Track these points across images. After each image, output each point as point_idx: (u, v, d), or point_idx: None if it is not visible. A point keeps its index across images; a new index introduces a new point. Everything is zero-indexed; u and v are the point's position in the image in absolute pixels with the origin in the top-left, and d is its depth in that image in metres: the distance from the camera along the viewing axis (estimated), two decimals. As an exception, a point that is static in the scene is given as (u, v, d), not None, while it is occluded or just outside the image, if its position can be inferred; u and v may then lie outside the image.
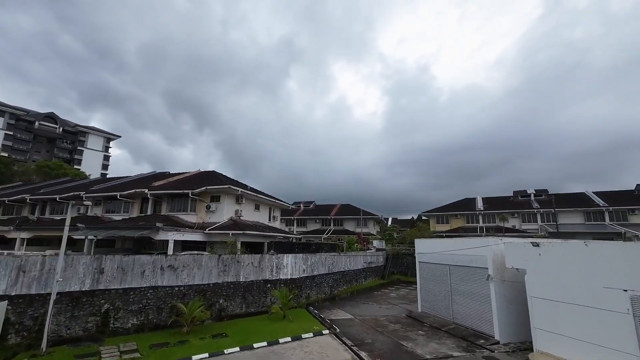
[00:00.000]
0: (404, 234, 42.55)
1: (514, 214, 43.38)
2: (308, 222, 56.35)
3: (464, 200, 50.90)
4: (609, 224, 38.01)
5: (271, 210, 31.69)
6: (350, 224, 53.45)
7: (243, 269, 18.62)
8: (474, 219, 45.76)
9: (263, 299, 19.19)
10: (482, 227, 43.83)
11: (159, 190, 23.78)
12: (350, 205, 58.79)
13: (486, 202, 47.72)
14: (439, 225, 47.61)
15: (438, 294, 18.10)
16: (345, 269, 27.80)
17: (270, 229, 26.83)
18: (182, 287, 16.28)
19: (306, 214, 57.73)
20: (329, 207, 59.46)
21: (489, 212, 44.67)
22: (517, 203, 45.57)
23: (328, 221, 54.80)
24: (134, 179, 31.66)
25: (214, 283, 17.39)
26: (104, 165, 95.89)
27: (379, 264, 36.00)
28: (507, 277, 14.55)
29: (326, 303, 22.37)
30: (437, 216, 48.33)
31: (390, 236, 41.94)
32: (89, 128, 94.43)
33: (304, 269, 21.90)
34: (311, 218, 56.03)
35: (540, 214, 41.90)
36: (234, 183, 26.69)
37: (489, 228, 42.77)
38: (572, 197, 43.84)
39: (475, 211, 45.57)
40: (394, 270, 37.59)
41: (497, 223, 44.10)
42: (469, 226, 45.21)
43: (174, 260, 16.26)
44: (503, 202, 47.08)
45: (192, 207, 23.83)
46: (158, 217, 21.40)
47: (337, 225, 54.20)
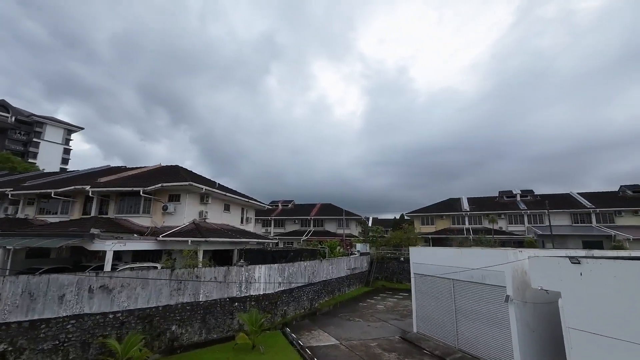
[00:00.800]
0: (388, 236, 40.03)
1: (500, 215, 41.88)
2: (286, 222, 52.87)
3: (449, 201, 49.15)
4: (596, 226, 37.10)
5: (244, 211, 28.05)
6: (332, 224, 50.47)
7: (204, 286, 15.06)
8: (460, 220, 43.96)
9: (229, 322, 15.71)
10: (469, 228, 42.06)
11: (105, 188, 19.63)
12: (331, 205, 55.81)
13: (471, 202, 46.12)
14: (424, 226, 45.52)
15: (438, 313, 15.32)
16: (327, 278, 24.70)
17: (241, 233, 23.25)
18: (119, 313, 12.54)
19: (284, 214, 54.21)
20: (309, 206, 56.22)
21: (475, 213, 42.97)
22: (503, 204, 44.20)
23: (308, 222, 51.55)
24: (79, 174, 27.03)
25: (165, 305, 13.75)
26: (63, 160, 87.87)
27: (363, 270, 33.19)
28: (529, 298, 11.89)
29: (306, 321, 19.14)
30: (422, 217, 46.23)
31: (375, 238, 39.29)
32: (47, 118, 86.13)
33: (280, 282, 18.57)
34: (290, 218, 52.58)
35: (528, 215, 40.60)
36: (199, 179, 22.88)
37: (476, 230, 41.02)
38: (558, 198, 42.91)
39: (461, 212, 43.76)
40: (378, 275, 34.92)
41: (484, 224, 42.50)
42: (455, 227, 43.35)
43: (109, 279, 12.48)
44: (488, 202, 45.62)
45: (145, 208, 19.86)
46: (98, 221, 17.33)
47: (317, 226, 51.06)
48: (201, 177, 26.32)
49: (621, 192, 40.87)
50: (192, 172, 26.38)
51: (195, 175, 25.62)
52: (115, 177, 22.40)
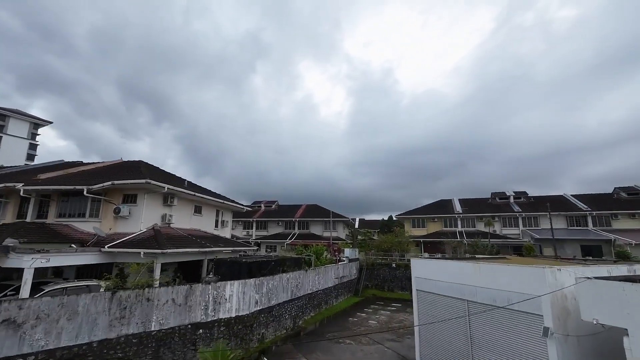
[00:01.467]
0: (379, 239, 37.50)
1: (494, 218, 40.08)
2: (269, 224, 49.63)
3: (440, 202, 47.15)
4: (593, 229, 35.71)
5: (219, 214, 24.81)
6: (318, 227, 47.60)
7: (157, 311, 11.88)
8: (452, 222, 41.93)
9: (191, 355, 12.57)
10: (462, 231, 40.08)
11: (42, 186, 16.04)
12: (317, 206, 52.95)
13: (463, 204, 44.22)
14: (414, 229, 43.27)
15: (448, 340, 12.67)
16: (313, 290, 21.83)
17: (213, 240, 20.03)
18: (32, 356, 9.25)
19: (267, 215, 50.95)
20: (294, 207, 53.18)
21: (468, 215, 41.02)
22: (496, 206, 42.48)
23: (292, 224, 48.50)
24: (18, 170, 23.07)
25: (102, 340, 10.51)
26: (29, 156, 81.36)
27: (352, 277, 30.45)
28: (571, 330, 9.35)
29: (287, 345, 16.17)
30: (413, 219, 43.99)
31: (364, 242, 36.67)
32: (9, 110, 79.42)
33: (257, 300, 15.54)
34: (273, 220, 49.38)
35: (522, 218, 38.92)
36: (162, 177, 19.55)
37: (469, 233, 39.04)
38: (552, 200, 41.41)
39: (453, 214, 41.74)
40: (368, 283, 32.27)
41: (478, 227, 40.61)
42: (447, 230, 41.27)
43: (18, 310, 9.17)
44: (481, 204, 43.83)
45: (93, 211, 16.41)
46: (24, 228, 13.80)
47: (302, 229, 48.10)
48: (168, 174, 22.94)
49: (615, 195, 39.79)
50: (157, 169, 22.94)
51: (159, 172, 22.21)
52: (61, 173, 18.77)
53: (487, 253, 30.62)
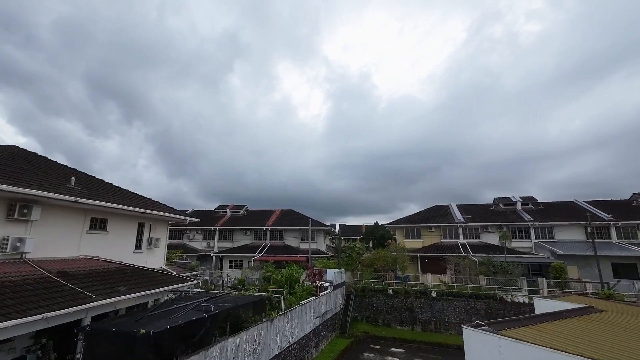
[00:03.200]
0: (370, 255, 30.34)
1: (501, 228, 34.08)
2: (235, 234, 41.33)
3: (436, 209, 40.82)
4: (617, 242, 30.40)
5: (144, 229, 16.66)
6: (294, 237, 39.91)
7: None
8: (452, 233, 35.59)
9: None
10: (464, 244, 33.77)
11: None
12: (293, 212, 45.25)
13: (464, 211, 38.08)
14: (408, 240, 36.58)
15: None
16: (282, 348, 14.22)
17: (118, 275, 11.90)
18: None
19: (233, 222, 42.63)
20: (266, 213, 45.16)
21: (472, 224, 34.81)
22: (502, 213, 36.61)
23: (263, 233, 40.51)
24: None
25: None
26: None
27: (337, 310, 23.05)
28: None
29: None
30: (406, 229, 37.30)
31: (350, 259, 29.42)
32: None
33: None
34: (240, 229, 41.14)
35: (535, 229, 33.12)
36: (15, 168, 11.20)
37: (473, 246, 32.77)
38: (564, 207, 36.17)
39: (453, 223, 35.42)
40: (357, 315, 24.99)
41: (482, 239, 34.48)
42: (447, 243, 34.87)
43: None
44: (484, 211, 37.85)
45: None
46: None
47: (275, 239, 40.22)
48: (45, 162, 14.44)
49: (634, 202, 34.95)
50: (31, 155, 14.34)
51: (23, 159, 13.64)
52: None
53: (507, 274, 24.23)
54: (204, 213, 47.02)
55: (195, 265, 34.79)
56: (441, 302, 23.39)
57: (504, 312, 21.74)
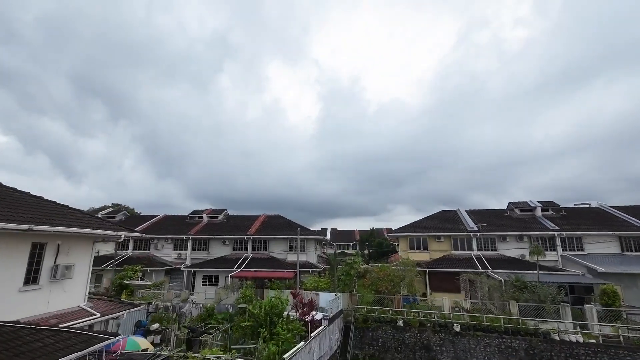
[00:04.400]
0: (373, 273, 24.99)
1: (522, 238, 29.33)
2: (212, 244, 35.48)
3: (443, 215, 35.88)
4: (660, 256, 25.96)
5: (45, 253, 10.92)
6: (280, 247, 34.37)
7: None
8: (464, 244, 30.65)
9: None
10: (479, 256, 28.89)
11: None
12: (279, 218, 39.68)
13: (476, 217, 33.25)
14: (413, 252, 31.49)
15: None
16: None
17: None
18: None
19: (210, 230, 36.74)
20: (248, 219, 39.40)
21: (488, 234, 29.93)
22: (520, 221, 31.89)
23: (244, 243, 34.80)
24: None
25: None
26: None
27: (332, 352, 17.62)
28: None
29: None
30: (410, 239, 32.19)
31: (348, 277, 23.96)
32: None
33: None
34: (217, 238, 35.31)
35: (562, 239, 28.44)
36: None
37: (492, 260, 27.88)
38: (589, 214, 31.72)
39: (466, 232, 30.48)
40: (358, 353, 19.61)
41: (499, 250, 29.64)
42: (458, 255, 29.93)
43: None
44: (498, 218, 33.08)
45: None
46: None
47: (258, 249, 34.59)
48: None
49: (669, 207, 30.75)
50: None
51: None
52: None
53: (547, 300, 19.20)
54: (177, 219, 41.00)
55: (159, 283, 28.93)
56: (466, 339, 18.22)
57: (551, 355, 16.71)
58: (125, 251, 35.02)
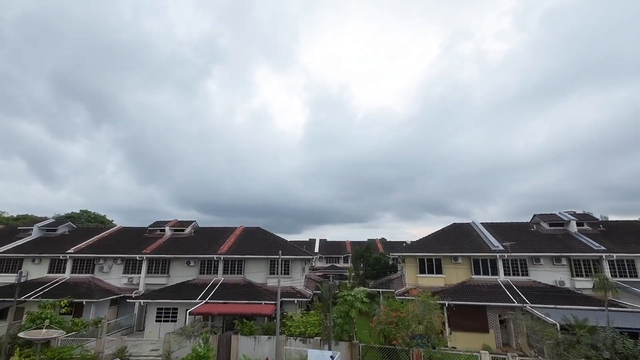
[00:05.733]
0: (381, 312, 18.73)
1: (559, 260, 23.66)
2: (174, 265, 28.48)
3: (455, 229, 29.93)
4: None
5: None
6: (259, 268, 27.73)
7: None
8: (487, 266, 24.73)
9: None
10: (508, 283, 23.01)
11: None
12: (259, 231, 33.01)
13: (496, 232, 27.46)
14: (423, 276, 25.40)
15: None
16: None
17: None
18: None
19: (172, 247, 29.72)
20: (221, 233, 32.54)
21: (516, 255, 24.08)
22: (552, 237, 26.25)
23: (214, 264, 27.98)
24: None
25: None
26: None
27: None
28: None
29: None
30: (420, 259, 26.06)
31: (347, 319, 17.44)
32: None
33: None
34: (180, 257, 28.35)
35: (610, 262, 22.86)
36: None
37: (524, 288, 22.02)
38: (633, 229, 26.36)
39: (490, 252, 24.59)
40: None
41: (532, 275, 23.84)
42: (481, 281, 23.98)
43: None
44: (524, 234, 27.37)
45: None
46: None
47: (232, 272, 27.83)
48: None
49: None
50: None
51: None
52: None
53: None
54: (134, 232, 33.78)
55: (94, 322, 21.84)
56: None
57: None
58: (60, 274, 27.66)
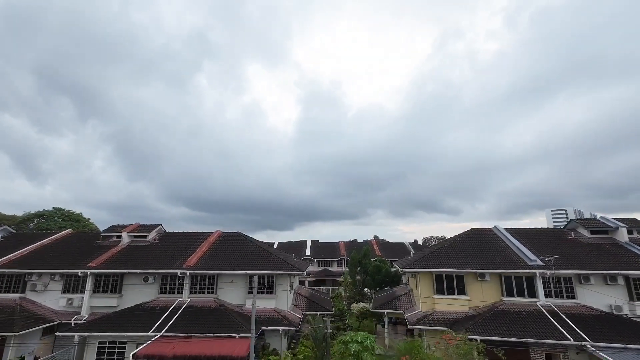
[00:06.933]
0: None
1: (614, 278, 18.79)
2: (129, 281, 22.59)
3: (474, 235, 24.87)
4: None
5: None
6: (236, 285, 22.17)
7: None
8: (522, 285, 19.70)
9: None
10: (551, 308, 18.04)
11: None
12: (239, 237, 27.33)
13: (526, 240, 22.48)
14: (441, 298, 20.27)
15: None
16: None
17: None
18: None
19: (127, 259, 23.75)
20: (192, 240, 26.69)
21: (561, 273, 19.09)
22: (597, 248, 21.37)
23: (178, 283, 22.23)
24: None
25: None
26: None
27: None
28: None
29: None
30: (436, 276, 20.89)
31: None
32: None
33: None
34: (135, 273, 22.45)
35: (681, 283, 18.11)
36: None
37: (574, 317, 17.08)
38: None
39: (527, 269, 19.56)
40: None
41: (579, 299, 18.90)
42: (515, 306, 18.97)
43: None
44: (557, 242, 22.48)
45: None
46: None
47: (201, 291, 22.16)
48: None
49: None
50: None
51: None
52: None
53: None
54: (86, 238, 27.69)
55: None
56: None
57: None
58: (-24, 297, 21.55)
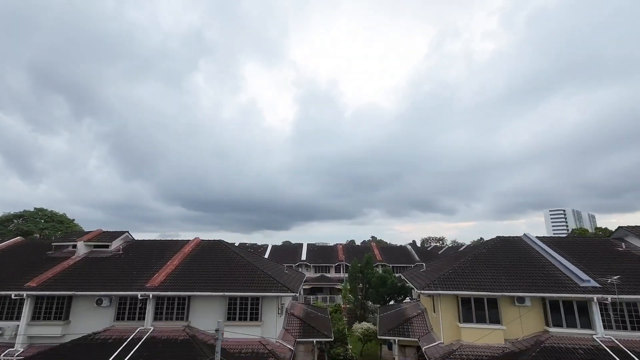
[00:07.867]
0: None
1: (690, 306, 14.73)
2: (78, 304, 18.15)
3: (501, 246, 20.76)
4: None
5: None
6: (211, 309, 17.84)
7: None
8: (572, 312, 15.63)
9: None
10: (613, 344, 13.96)
11: None
12: (220, 247, 22.98)
13: (567, 252, 18.41)
14: (468, 327, 16.14)
15: None
16: None
17: None
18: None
19: (77, 278, 19.26)
20: (162, 250, 22.27)
21: (626, 298, 15.02)
22: (657, 264, 17.33)
23: (139, 307, 17.83)
24: None
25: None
26: None
27: None
28: None
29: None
30: (463, 300, 16.74)
31: None
32: None
33: None
34: (86, 295, 18.02)
35: None
36: None
37: (635, 350, 13.00)
38: None
39: (579, 292, 15.47)
40: None
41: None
42: (565, 339, 14.88)
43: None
44: (609, 255, 18.45)
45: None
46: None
47: (168, 317, 17.81)
48: None
49: None
50: None
51: None
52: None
53: None
54: (39, 247, 23.21)
55: None
56: None
57: None
58: None
